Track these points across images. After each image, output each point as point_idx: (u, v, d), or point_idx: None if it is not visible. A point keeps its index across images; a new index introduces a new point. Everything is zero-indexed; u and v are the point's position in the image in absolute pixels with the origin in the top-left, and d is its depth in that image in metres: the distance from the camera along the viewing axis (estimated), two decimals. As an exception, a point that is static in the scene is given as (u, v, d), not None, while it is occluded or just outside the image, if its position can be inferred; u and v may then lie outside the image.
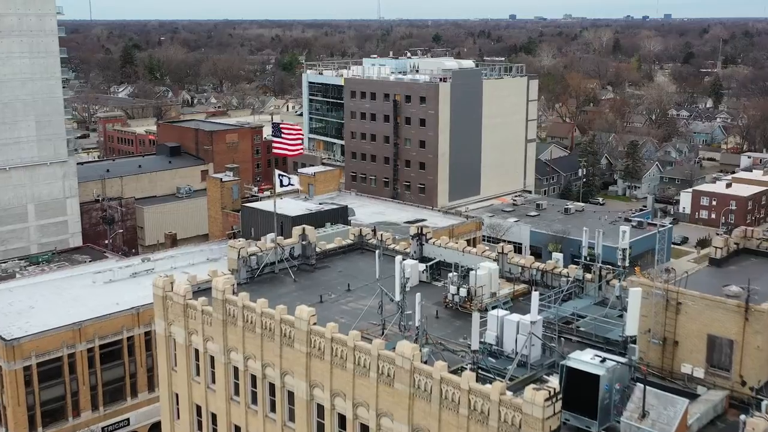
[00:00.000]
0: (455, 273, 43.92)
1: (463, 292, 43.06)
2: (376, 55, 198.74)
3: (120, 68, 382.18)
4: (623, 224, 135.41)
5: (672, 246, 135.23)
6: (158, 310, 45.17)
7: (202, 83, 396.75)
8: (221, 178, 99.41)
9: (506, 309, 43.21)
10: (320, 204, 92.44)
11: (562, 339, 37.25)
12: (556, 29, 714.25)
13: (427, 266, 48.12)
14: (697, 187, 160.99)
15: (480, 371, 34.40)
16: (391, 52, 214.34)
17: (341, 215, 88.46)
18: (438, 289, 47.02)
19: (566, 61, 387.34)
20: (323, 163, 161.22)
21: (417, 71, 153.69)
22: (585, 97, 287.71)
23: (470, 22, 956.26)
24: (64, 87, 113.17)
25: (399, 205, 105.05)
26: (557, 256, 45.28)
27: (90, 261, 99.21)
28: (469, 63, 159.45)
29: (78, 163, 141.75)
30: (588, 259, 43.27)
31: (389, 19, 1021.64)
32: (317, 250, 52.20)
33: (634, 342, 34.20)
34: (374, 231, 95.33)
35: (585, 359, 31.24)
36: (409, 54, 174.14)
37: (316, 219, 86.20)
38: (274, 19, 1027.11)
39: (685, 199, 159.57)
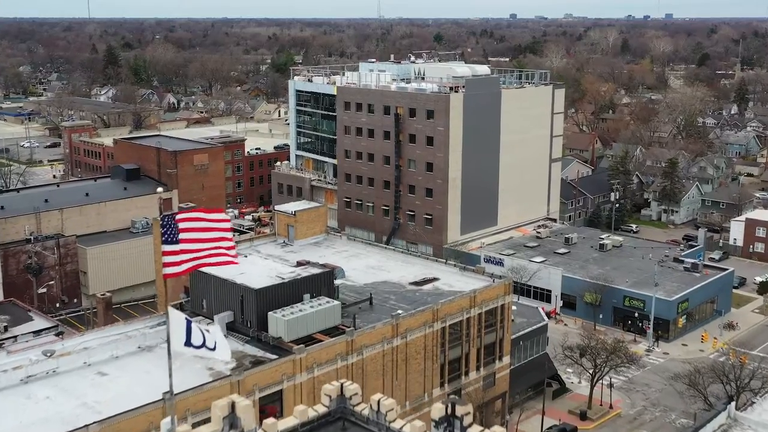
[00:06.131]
0: None
1: None
2: (374, 60, 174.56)
3: (103, 69, 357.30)
4: (672, 264, 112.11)
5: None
6: None
7: (190, 85, 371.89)
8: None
9: None
10: (297, 266, 68.66)
11: None
12: (558, 29, 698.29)
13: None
14: (750, 215, 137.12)
15: None
16: (392, 56, 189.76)
17: (325, 283, 64.93)
18: None
19: (576, 62, 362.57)
20: (312, 186, 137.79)
21: (423, 78, 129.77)
22: (602, 103, 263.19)
23: (471, 21, 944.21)
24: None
25: (402, 257, 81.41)
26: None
27: (7, 324, 77.13)
28: (484, 69, 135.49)
29: (13, 190, 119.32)
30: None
31: (389, 18, 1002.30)
32: (261, 434, 28.52)
33: None
34: (371, 301, 72.57)
35: None
36: (412, 57, 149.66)
37: (291, 291, 62.88)
38: (273, 17, 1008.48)
39: (735, 229, 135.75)
